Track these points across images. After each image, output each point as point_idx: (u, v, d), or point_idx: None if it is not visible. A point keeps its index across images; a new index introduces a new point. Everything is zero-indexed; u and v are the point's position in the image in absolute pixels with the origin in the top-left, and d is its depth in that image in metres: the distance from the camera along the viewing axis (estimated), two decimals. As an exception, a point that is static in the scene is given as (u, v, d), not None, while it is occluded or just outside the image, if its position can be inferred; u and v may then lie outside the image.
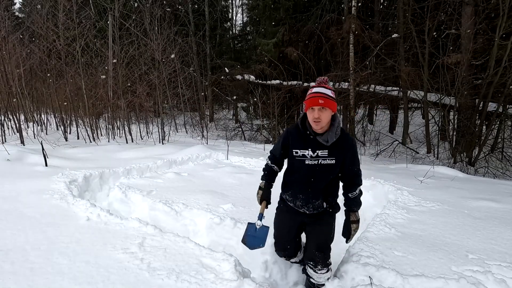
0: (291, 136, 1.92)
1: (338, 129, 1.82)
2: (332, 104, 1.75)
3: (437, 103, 8.24)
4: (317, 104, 1.71)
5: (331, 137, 1.79)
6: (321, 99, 1.71)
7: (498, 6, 6.84)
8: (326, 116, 1.75)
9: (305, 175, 1.89)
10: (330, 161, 1.83)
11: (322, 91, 1.76)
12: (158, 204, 3.52)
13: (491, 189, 4.37)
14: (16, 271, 1.99)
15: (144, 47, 11.19)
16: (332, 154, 1.83)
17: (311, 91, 1.79)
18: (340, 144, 1.83)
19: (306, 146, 1.84)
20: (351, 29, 9.48)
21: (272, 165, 2.10)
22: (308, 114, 1.79)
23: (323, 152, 1.82)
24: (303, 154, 1.85)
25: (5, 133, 7.77)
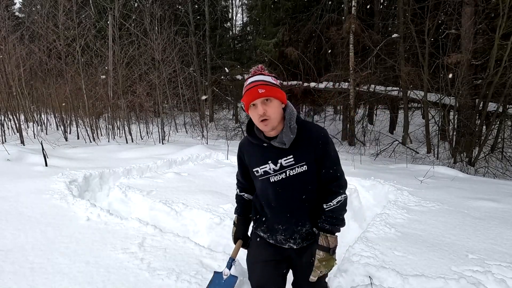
0: (244, 151, 1.47)
1: (292, 121, 1.31)
2: (278, 92, 1.28)
3: (437, 103, 8.24)
4: (258, 96, 1.24)
5: (287, 135, 1.29)
6: (260, 87, 1.25)
7: (498, 6, 6.84)
8: (275, 110, 1.26)
9: (276, 197, 1.38)
10: (299, 168, 1.32)
11: (260, 78, 1.29)
12: (158, 204, 3.52)
13: (491, 189, 4.37)
14: (16, 271, 1.99)
15: (144, 47, 11.19)
16: (299, 157, 1.32)
17: (246, 83, 1.33)
18: (304, 141, 1.32)
19: (264, 160, 1.36)
20: (351, 29, 9.49)
21: (242, 193, 1.62)
22: (252, 114, 1.29)
23: (287, 159, 1.32)
24: (264, 171, 1.37)
25: (5, 133, 7.77)
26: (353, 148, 9.99)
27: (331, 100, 10.65)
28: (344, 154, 8.37)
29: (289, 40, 12.22)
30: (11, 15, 11.47)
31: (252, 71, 1.35)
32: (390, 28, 12.00)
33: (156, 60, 9.86)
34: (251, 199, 1.61)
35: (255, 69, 1.35)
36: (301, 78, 11.98)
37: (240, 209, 1.65)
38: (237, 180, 1.65)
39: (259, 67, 1.35)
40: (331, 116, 14.07)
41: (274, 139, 1.32)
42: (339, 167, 1.37)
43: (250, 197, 1.62)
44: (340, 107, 13.60)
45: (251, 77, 1.32)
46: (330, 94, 10.54)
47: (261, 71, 1.33)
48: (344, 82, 10.43)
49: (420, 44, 8.56)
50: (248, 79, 1.33)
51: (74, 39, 9.42)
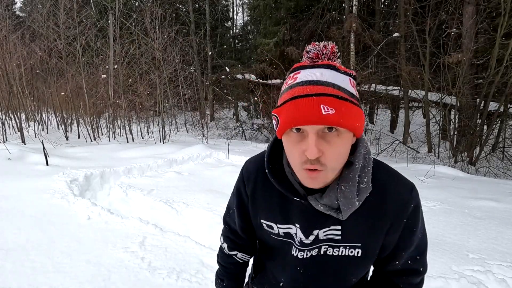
0: (251, 191, 0.79)
1: (366, 175, 0.66)
2: (356, 117, 0.59)
3: (438, 103, 8.23)
4: (318, 122, 0.56)
5: (348, 198, 0.64)
6: (327, 103, 0.55)
7: (500, 5, 6.82)
8: (340, 154, 0.61)
9: (295, 279, 0.77)
10: (347, 250, 0.72)
11: (327, 78, 0.59)
12: (159, 203, 3.52)
13: (492, 189, 4.36)
14: (17, 270, 2.00)
15: (145, 46, 11.20)
16: (353, 233, 0.70)
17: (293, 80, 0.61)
18: (372, 206, 0.68)
19: (287, 219, 0.74)
20: (352, 28, 9.47)
21: (233, 252, 0.90)
22: (288, 147, 0.63)
23: (328, 231, 0.71)
24: (286, 233, 0.75)
25: (6, 132, 7.78)
26: (353, 147, 9.98)
27: (332, 99, 10.63)
28: (344, 154, 8.35)
29: (290, 39, 12.21)
30: (12, 14, 11.48)
31: (312, 52, 0.62)
32: (391, 27, 11.97)
33: (157, 59, 9.86)
34: (247, 261, 0.92)
35: (318, 50, 0.62)
36: (302, 78, 11.96)
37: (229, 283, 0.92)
38: (227, 227, 0.91)
39: (329, 47, 0.62)
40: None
41: (317, 193, 0.67)
42: (423, 256, 0.75)
43: (247, 259, 0.92)
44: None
45: (307, 69, 0.61)
46: (331, 93, 10.52)
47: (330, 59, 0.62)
48: (344, 82, 10.40)
49: (421, 43, 8.55)
50: (298, 71, 0.62)
51: (75, 38, 9.43)
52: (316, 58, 0.62)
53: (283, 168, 0.71)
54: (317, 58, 0.62)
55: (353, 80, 0.63)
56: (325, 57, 0.62)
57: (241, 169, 0.83)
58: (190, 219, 3.29)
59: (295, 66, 0.64)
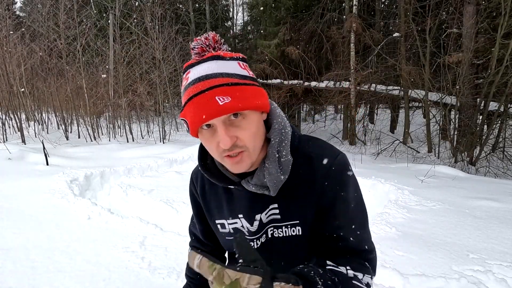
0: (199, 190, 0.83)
1: (284, 147, 0.67)
2: (255, 96, 0.62)
3: (438, 103, 8.23)
4: (218, 113, 0.57)
5: (272, 174, 0.65)
6: (221, 93, 0.58)
7: (500, 5, 6.82)
8: (253, 132, 0.62)
9: None
10: (288, 229, 0.71)
11: (216, 69, 0.60)
12: (159, 203, 3.52)
13: (492, 189, 4.36)
14: (17, 269, 2.00)
15: (145, 46, 11.20)
16: (289, 210, 0.70)
17: (186, 80, 0.63)
18: (300, 179, 0.68)
19: (232, 211, 0.76)
20: (352, 28, 9.46)
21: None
22: (206, 142, 0.64)
23: (270, 212, 0.72)
24: (235, 228, 0.77)
25: (6, 132, 7.78)
26: (353, 147, 9.98)
27: (332, 99, 10.63)
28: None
29: (290, 39, 12.20)
30: (12, 14, 11.49)
31: (197, 47, 0.63)
32: (391, 27, 11.97)
33: (157, 59, 9.86)
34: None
35: (201, 44, 0.63)
36: (302, 77, 11.97)
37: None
38: (192, 237, 0.94)
39: (210, 37, 0.64)
40: (331, 115, 14.05)
41: (248, 176, 0.68)
42: (362, 230, 0.68)
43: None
44: (341, 106, 13.59)
45: (195, 66, 0.62)
46: (331, 93, 10.52)
47: (215, 48, 0.64)
48: (345, 81, 10.41)
49: (421, 43, 8.54)
50: (189, 70, 0.63)
51: (75, 38, 9.43)
52: (202, 52, 0.63)
53: (214, 163, 0.73)
54: (204, 51, 0.63)
55: (243, 62, 0.64)
56: (210, 48, 0.63)
57: (190, 178, 0.86)
58: (190, 219, 3.29)
59: (185, 65, 0.65)
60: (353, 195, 0.68)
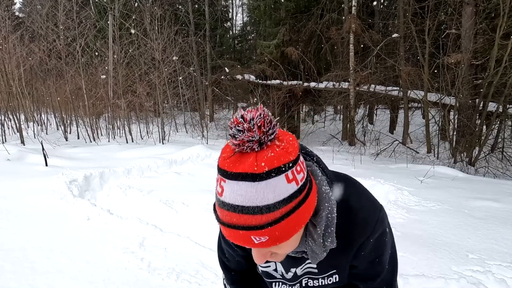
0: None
1: (331, 241, 0.63)
2: (298, 223, 0.52)
3: (437, 103, 8.24)
4: (250, 247, 0.53)
5: (315, 253, 0.64)
6: (256, 234, 0.50)
7: (499, 6, 6.84)
8: (287, 249, 0.59)
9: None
10: (328, 279, 0.76)
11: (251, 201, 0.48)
12: (158, 203, 3.52)
13: (491, 189, 4.37)
14: (16, 270, 2.00)
15: (144, 47, 11.20)
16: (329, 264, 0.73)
17: (220, 192, 0.52)
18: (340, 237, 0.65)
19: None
20: (351, 29, 9.48)
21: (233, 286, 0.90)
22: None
23: (306, 266, 0.75)
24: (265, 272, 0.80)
25: (5, 133, 7.77)
26: (353, 148, 9.99)
27: (331, 100, 10.65)
28: (344, 154, 8.37)
29: (290, 40, 12.21)
30: (11, 15, 11.48)
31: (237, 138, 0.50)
32: (391, 28, 11.99)
33: (156, 60, 9.86)
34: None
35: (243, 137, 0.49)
36: (301, 78, 11.98)
37: None
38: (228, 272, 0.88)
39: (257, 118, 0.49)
40: (331, 116, 14.06)
41: None
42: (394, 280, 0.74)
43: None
44: (340, 107, 13.61)
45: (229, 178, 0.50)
46: (330, 94, 10.54)
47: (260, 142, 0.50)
48: (344, 82, 10.43)
49: (420, 44, 8.56)
50: (224, 179, 0.51)
51: (74, 39, 9.43)
52: (242, 145, 0.50)
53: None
54: (244, 144, 0.49)
55: (292, 170, 0.50)
56: (254, 139, 0.49)
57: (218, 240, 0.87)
58: (190, 219, 3.29)
59: (220, 166, 0.52)
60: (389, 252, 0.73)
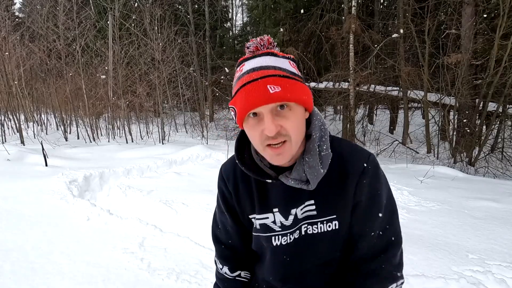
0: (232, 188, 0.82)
1: (324, 142, 0.72)
2: (302, 91, 0.67)
3: (437, 103, 8.24)
4: (267, 99, 0.62)
5: (312, 167, 0.69)
6: (272, 83, 0.62)
7: (498, 6, 6.84)
8: (297, 125, 0.66)
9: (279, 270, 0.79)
10: (325, 225, 0.73)
11: (269, 63, 0.66)
12: (158, 204, 3.52)
13: (491, 189, 4.37)
14: (16, 271, 1.99)
15: (144, 47, 11.20)
16: (326, 206, 0.73)
17: (240, 72, 0.69)
18: (335, 177, 0.72)
19: (266, 206, 0.76)
20: (351, 29, 9.48)
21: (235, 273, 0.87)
22: (250, 131, 0.68)
23: (305, 208, 0.74)
24: (262, 225, 0.78)
25: (5, 133, 7.77)
26: (353, 148, 9.98)
27: (331, 100, 10.64)
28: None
29: (289, 40, 12.21)
30: (11, 15, 11.49)
31: (252, 46, 0.68)
32: (390, 28, 11.99)
33: (156, 60, 9.86)
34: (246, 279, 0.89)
35: (256, 44, 0.68)
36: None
37: None
38: (221, 246, 0.88)
39: (265, 39, 0.69)
40: (331, 116, 14.07)
41: (286, 171, 0.71)
42: (394, 226, 0.75)
43: (249, 276, 0.89)
44: (340, 107, 13.60)
45: (250, 60, 0.67)
46: (330, 94, 10.53)
47: (269, 47, 0.69)
48: (344, 82, 10.43)
49: (420, 44, 8.56)
50: (244, 63, 0.68)
51: (74, 39, 9.43)
52: (256, 50, 0.68)
53: (251, 157, 0.76)
54: (257, 50, 0.68)
55: (293, 62, 0.70)
56: (264, 48, 0.68)
57: (219, 173, 0.86)
58: (190, 219, 3.29)
59: (240, 60, 0.70)
60: (386, 192, 0.75)
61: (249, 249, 0.86)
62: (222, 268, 0.88)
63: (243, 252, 0.87)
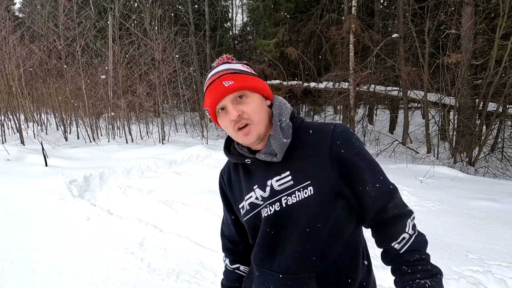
0: (226, 181, 0.95)
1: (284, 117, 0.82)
2: (255, 81, 0.80)
3: (437, 103, 8.24)
4: (224, 91, 0.77)
5: (276, 138, 0.79)
6: (226, 79, 0.78)
7: (498, 6, 6.84)
8: (256, 107, 0.78)
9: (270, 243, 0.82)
10: (301, 192, 0.76)
11: (225, 67, 0.82)
12: (158, 204, 3.52)
13: (491, 189, 4.37)
14: (16, 270, 1.99)
15: (144, 47, 11.20)
16: (300, 173, 0.78)
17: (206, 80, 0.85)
18: (307, 146, 0.80)
19: (249, 185, 0.85)
20: (351, 29, 9.48)
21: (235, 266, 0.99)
22: (224, 124, 0.80)
23: (280, 179, 0.79)
24: (250, 203, 0.84)
25: (5, 133, 7.77)
26: (353, 148, 9.98)
27: (331, 100, 10.64)
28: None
29: (289, 40, 12.21)
30: (12, 16, 11.49)
31: (215, 63, 0.86)
32: (390, 28, 11.99)
33: (156, 60, 9.86)
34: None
35: (218, 60, 0.86)
36: (301, 78, 11.98)
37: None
38: (224, 239, 0.99)
39: (224, 57, 0.86)
40: (331, 116, 14.07)
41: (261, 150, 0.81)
42: (385, 176, 0.81)
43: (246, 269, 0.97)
44: (340, 107, 13.60)
45: (211, 70, 0.84)
46: (330, 94, 10.53)
47: (227, 60, 0.85)
48: (344, 82, 10.43)
49: (420, 44, 8.56)
50: (211, 70, 0.85)
51: (74, 39, 9.43)
52: (217, 63, 0.86)
53: (235, 148, 0.88)
54: (218, 63, 0.86)
55: (246, 65, 0.86)
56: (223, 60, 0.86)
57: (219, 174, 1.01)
58: (190, 219, 3.29)
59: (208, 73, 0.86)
60: (366, 153, 0.81)
61: (248, 243, 0.92)
62: (225, 260, 1.01)
63: (243, 247, 0.95)
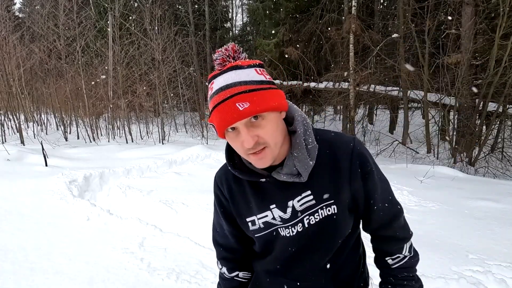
0: (227, 192, 0.85)
1: (309, 136, 0.76)
2: (272, 99, 0.68)
3: (437, 103, 8.24)
4: (239, 117, 0.65)
5: (301, 161, 0.73)
6: (240, 100, 0.65)
7: (498, 6, 6.84)
8: (273, 130, 0.69)
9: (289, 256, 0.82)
10: (324, 210, 0.77)
11: (236, 79, 0.67)
12: (158, 204, 3.52)
13: (491, 189, 4.37)
14: (16, 271, 1.99)
15: (144, 47, 11.20)
16: (322, 192, 0.76)
17: (211, 90, 0.71)
18: (325, 163, 0.76)
19: (264, 204, 0.79)
20: (351, 29, 9.48)
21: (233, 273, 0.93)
22: (232, 143, 0.71)
23: (302, 199, 0.77)
24: (265, 222, 0.80)
25: (5, 133, 7.77)
26: (353, 148, 9.97)
27: (331, 100, 10.64)
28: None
29: (289, 40, 12.21)
30: (12, 16, 11.49)
31: (219, 58, 0.69)
32: (390, 28, 11.99)
33: (156, 60, 9.86)
34: (246, 280, 0.94)
35: (222, 55, 0.69)
36: (301, 78, 11.98)
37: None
38: (220, 248, 0.93)
39: (230, 48, 0.70)
40: (331, 116, 14.07)
41: (277, 168, 0.74)
42: (393, 196, 0.84)
43: (248, 277, 0.94)
44: (340, 107, 13.60)
45: (218, 77, 0.69)
46: (330, 94, 10.53)
47: (234, 58, 0.70)
48: (344, 82, 10.43)
49: (420, 44, 8.56)
50: (213, 81, 0.71)
51: (75, 39, 9.44)
52: (223, 62, 0.70)
53: (242, 161, 0.79)
54: (224, 61, 0.70)
55: (259, 68, 0.70)
56: (230, 58, 0.70)
57: (213, 182, 0.89)
58: (190, 219, 3.29)
59: (209, 76, 0.72)
60: (375, 166, 0.80)
61: (247, 250, 0.90)
62: (222, 269, 0.94)
63: (242, 254, 0.91)
